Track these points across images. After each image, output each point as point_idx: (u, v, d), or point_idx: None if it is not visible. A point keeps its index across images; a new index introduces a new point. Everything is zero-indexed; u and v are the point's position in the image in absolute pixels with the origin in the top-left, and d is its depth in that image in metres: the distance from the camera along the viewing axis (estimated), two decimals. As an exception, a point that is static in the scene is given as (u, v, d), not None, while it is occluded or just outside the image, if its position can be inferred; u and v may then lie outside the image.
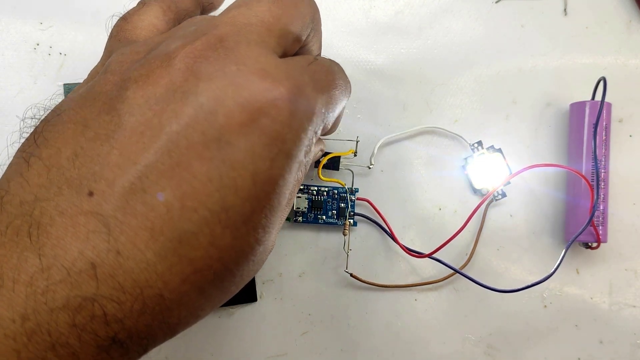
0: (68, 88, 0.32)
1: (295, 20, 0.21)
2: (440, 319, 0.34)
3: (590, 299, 0.35)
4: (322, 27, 0.24)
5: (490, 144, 0.35)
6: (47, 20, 0.33)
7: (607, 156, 0.33)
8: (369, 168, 0.34)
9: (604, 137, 0.33)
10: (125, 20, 0.24)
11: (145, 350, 0.18)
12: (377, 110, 0.35)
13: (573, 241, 0.32)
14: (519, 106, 0.35)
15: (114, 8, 0.33)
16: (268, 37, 0.20)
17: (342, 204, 0.33)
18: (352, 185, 0.34)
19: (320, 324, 0.34)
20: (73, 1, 0.33)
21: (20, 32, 0.32)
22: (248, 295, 0.33)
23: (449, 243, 0.32)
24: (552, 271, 0.31)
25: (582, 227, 0.31)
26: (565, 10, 0.36)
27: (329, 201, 0.33)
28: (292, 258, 0.34)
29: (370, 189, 0.34)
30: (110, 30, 0.24)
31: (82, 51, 0.33)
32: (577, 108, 0.34)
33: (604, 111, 0.33)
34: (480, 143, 0.35)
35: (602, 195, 0.33)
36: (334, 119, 0.24)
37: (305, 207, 0.33)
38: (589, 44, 0.36)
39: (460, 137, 0.35)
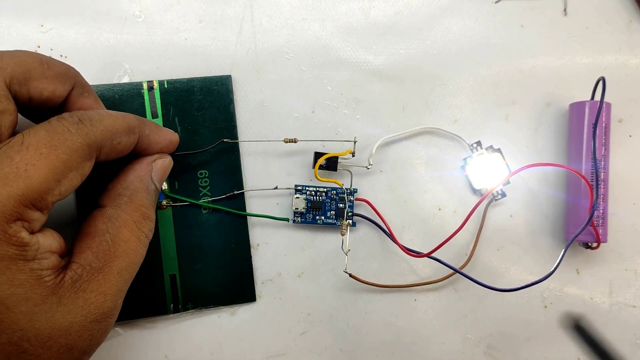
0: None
1: None
2: (440, 319, 0.34)
3: (590, 299, 0.35)
4: (323, 28, 0.24)
5: (490, 144, 0.35)
6: (48, 22, 0.33)
7: (606, 156, 0.33)
8: (368, 168, 0.34)
9: (603, 137, 0.33)
10: None
11: None
12: (377, 110, 0.35)
13: (573, 241, 0.32)
14: (518, 106, 0.35)
15: (114, 10, 0.33)
16: None
17: (341, 205, 0.33)
18: (351, 186, 0.34)
19: (320, 324, 0.34)
20: (74, 3, 0.33)
21: (21, 33, 0.32)
22: (247, 295, 0.33)
23: (449, 243, 0.32)
24: (551, 270, 0.31)
25: (582, 227, 0.31)
26: (565, 10, 0.36)
27: (327, 202, 0.33)
28: (291, 258, 0.34)
29: (370, 190, 0.34)
30: None
31: (83, 53, 0.33)
32: (577, 108, 0.34)
33: (604, 111, 0.33)
34: (479, 143, 0.35)
35: (601, 195, 0.33)
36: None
37: (304, 208, 0.33)
38: (589, 44, 0.36)
39: (460, 137, 0.35)
